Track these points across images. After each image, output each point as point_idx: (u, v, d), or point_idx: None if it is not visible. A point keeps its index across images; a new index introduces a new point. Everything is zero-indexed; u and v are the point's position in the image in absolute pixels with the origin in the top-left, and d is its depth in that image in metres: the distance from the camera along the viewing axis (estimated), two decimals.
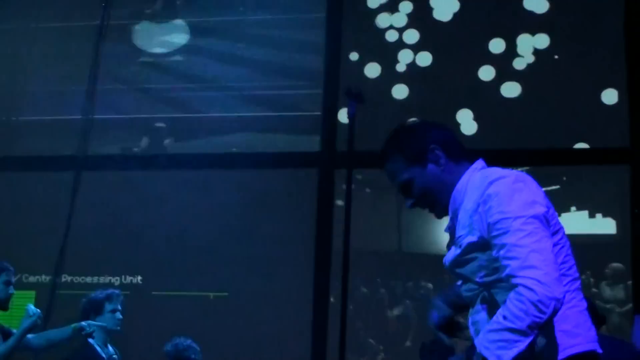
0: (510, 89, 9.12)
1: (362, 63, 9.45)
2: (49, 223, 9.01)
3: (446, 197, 3.34)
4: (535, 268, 2.95)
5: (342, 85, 8.71)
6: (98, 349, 6.74)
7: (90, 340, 6.70)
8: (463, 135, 9.04)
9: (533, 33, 9.19)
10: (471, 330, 3.32)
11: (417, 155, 3.36)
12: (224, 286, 9.20)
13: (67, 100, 9.58)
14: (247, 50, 9.75)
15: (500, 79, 9.16)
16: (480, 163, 3.40)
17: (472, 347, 3.23)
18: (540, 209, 3.11)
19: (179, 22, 10.04)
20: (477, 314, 3.24)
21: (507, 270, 3.01)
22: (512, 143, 8.86)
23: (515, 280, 2.97)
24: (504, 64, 9.17)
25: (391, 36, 9.47)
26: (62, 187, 8.81)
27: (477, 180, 3.26)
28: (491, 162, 8.81)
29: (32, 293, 9.35)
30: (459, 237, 3.25)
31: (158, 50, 10.01)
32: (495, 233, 3.08)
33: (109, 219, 9.36)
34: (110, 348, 6.87)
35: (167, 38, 10.00)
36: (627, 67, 8.82)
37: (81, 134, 8.36)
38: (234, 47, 9.83)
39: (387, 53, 9.47)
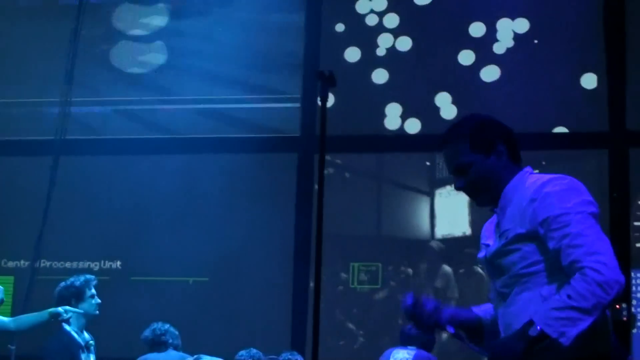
0: (490, 73, 9.11)
1: (342, 47, 9.42)
2: (28, 208, 8.98)
3: (496, 191, 3.46)
4: (600, 253, 3.11)
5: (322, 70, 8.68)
6: (74, 335, 6.71)
7: (66, 326, 6.67)
8: (443, 119, 9.05)
9: (513, 17, 9.18)
10: (501, 327, 3.43)
11: (483, 144, 3.47)
12: (204, 271, 9.18)
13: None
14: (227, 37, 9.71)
15: (479, 63, 9.15)
16: (529, 168, 3.52)
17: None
18: (595, 209, 3.29)
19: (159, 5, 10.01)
20: (510, 308, 3.34)
21: (572, 257, 3.14)
22: None
23: (581, 264, 3.11)
24: (483, 48, 9.16)
25: (371, 20, 9.45)
26: (41, 172, 8.77)
27: (529, 182, 3.40)
28: None
29: (11, 278, 9.33)
30: (506, 230, 3.37)
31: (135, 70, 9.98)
32: (556, 226, 3.22)
33: (88, 204, 9.33)
34: (86, 334, 6.85)
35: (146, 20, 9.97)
36: (606, 51, 8.84)
37: (59, 118, 8.31)
38: (213, 31, 9.81)
39: (367, 37, 9.44)
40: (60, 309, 6.44)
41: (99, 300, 6.84)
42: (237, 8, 9.70)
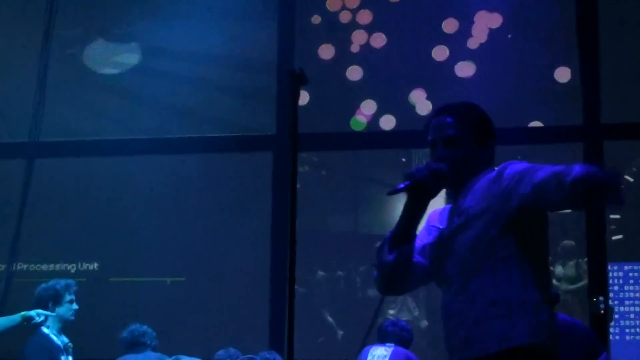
0: (464, 69, 9.12)
1: (316, 45, 9.41)
2: (3, 211, 8.92)
3: (466, 179, 3.47)
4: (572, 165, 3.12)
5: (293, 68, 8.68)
6: (53, 337, 6.70)
7: (45, 329, 6.67)
8: (417, 115, 9.05)
9: (486, 13, 9.18)
10: (445, 317, 3.44)
11: (482, 135, 3.52)
12: (181, 271, 9.16)
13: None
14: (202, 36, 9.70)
15: (454, 58, 9.16)
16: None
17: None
18: None
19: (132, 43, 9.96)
20: (458, 297, 3.36)
21: (551, 171, 3.13)
22: None
23: (565, 174, 3.06)
24: (457, 43, 9.17)
25: (344, 17, 9.44)
26: (15, 174, 8.72)
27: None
28: None
29: None
30: (466, 208, 3.41)
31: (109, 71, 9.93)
32: (520, 178, 3.23)
33: (63, 206, 9.29)
34: (63, 336, 6.84)
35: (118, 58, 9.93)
36: (580, 45, 8.86)
37: (33, 120, 8.26)
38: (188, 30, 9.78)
39: (340, 34, 9.43)
40: (32, 312, 6.42)
41: (76, 307, 6.84)
42: (212, 7, 9.68)
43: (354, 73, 9.31)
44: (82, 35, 9.96)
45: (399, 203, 3.56)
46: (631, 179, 8.80)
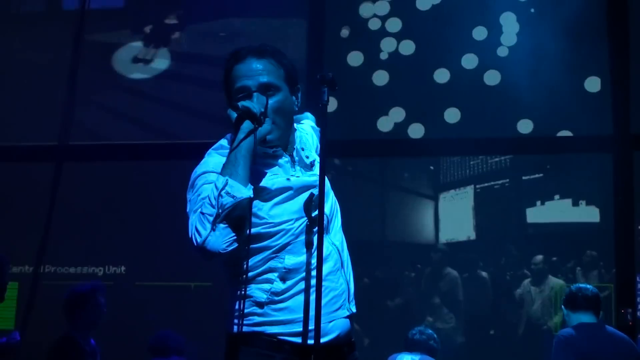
0: (493, 77, 9.09)
1: (345, 51, 9.41)
2: (32, 213, 8.97)
3: (287, 128, 3.54)
4: None
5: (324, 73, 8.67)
6: (80, 341, 6.73)
7: (72, 332, 6.70)
8: (447, 123, 9.03)
9: (516, 21, 9.16)
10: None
11: (293, 82, 3.57)
12: (207, 276, 9.17)
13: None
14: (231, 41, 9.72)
15: (483, 67, 9.13)
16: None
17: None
18: None
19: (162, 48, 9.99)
20: (335, 235, 3.84)
21: None
22: (495, 131, 8.84)
23: None
24: (486, 52, 9.14)
25: (374, 24, 9.43)
26: (45, 177, 8.78)
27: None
28: (475, 150, 8.77)
29: (15, 284, 9.32)
30: (314, 159, 3.60)
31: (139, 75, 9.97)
32: None
33: (91, 209, 9.32)
34: (91, 341, 6.87)
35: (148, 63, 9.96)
36: (610, 54, 8.81)
37: (62, 124, 8.31)
38: (217, 36, 9.81)
39: (370, 41, 9.43)
40: None
41: (104, 310, 6.85)
42: (240, 14, 9.70)
43: (382, 80, 9.30)
44: (113, 39, 10.01)
45: (427, 211, 3.56)
46: None
